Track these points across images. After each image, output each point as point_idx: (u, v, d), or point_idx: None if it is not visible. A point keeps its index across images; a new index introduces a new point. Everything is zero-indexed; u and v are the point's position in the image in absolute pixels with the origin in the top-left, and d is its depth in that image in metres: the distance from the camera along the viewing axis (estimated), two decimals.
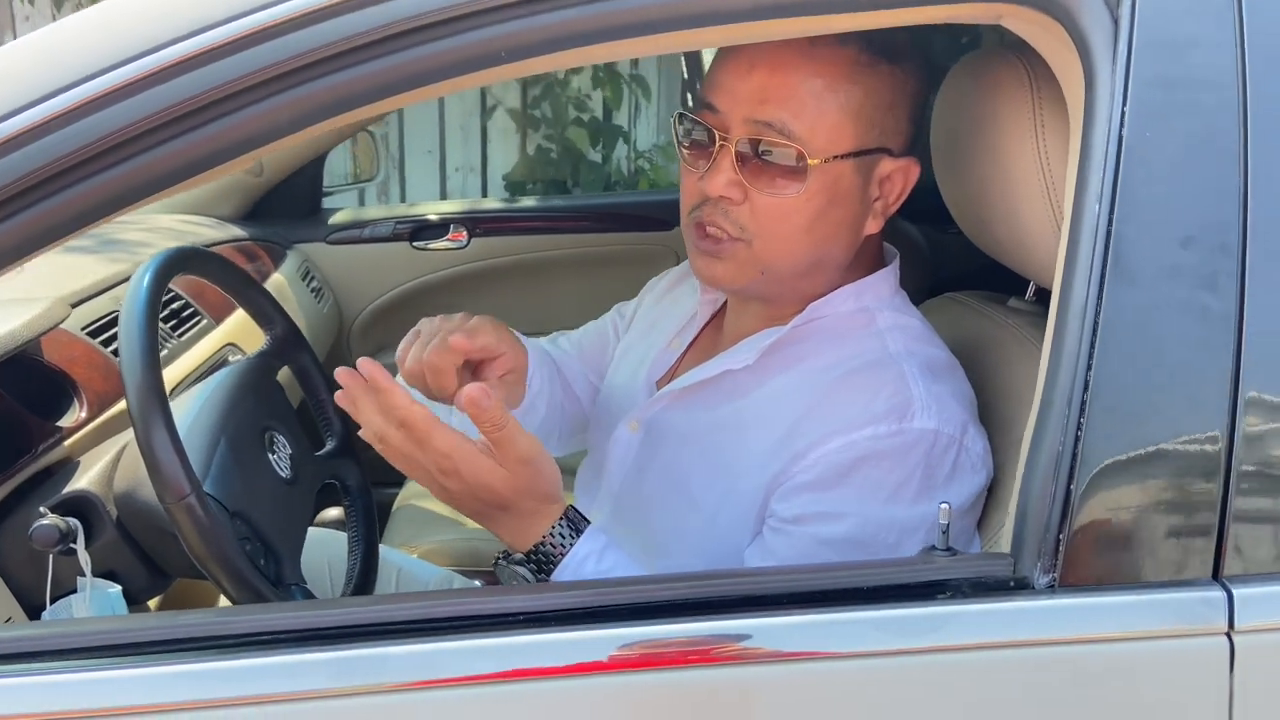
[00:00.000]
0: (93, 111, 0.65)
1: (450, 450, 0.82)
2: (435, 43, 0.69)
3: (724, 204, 0.90)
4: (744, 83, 0.88)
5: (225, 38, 0.65)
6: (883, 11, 0.76)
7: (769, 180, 0.89)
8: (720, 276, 0.94)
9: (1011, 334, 1.05)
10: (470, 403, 0.80)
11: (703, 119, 0.91)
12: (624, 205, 2.39)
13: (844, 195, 0.91)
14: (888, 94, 0.92)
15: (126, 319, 0.92)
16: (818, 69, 0.88)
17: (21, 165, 0.63)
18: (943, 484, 0.87)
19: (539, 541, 0.86)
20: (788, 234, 0.90)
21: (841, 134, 0.89)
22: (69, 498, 1.00)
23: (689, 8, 0.72)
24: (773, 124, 0.87)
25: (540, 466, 0.84)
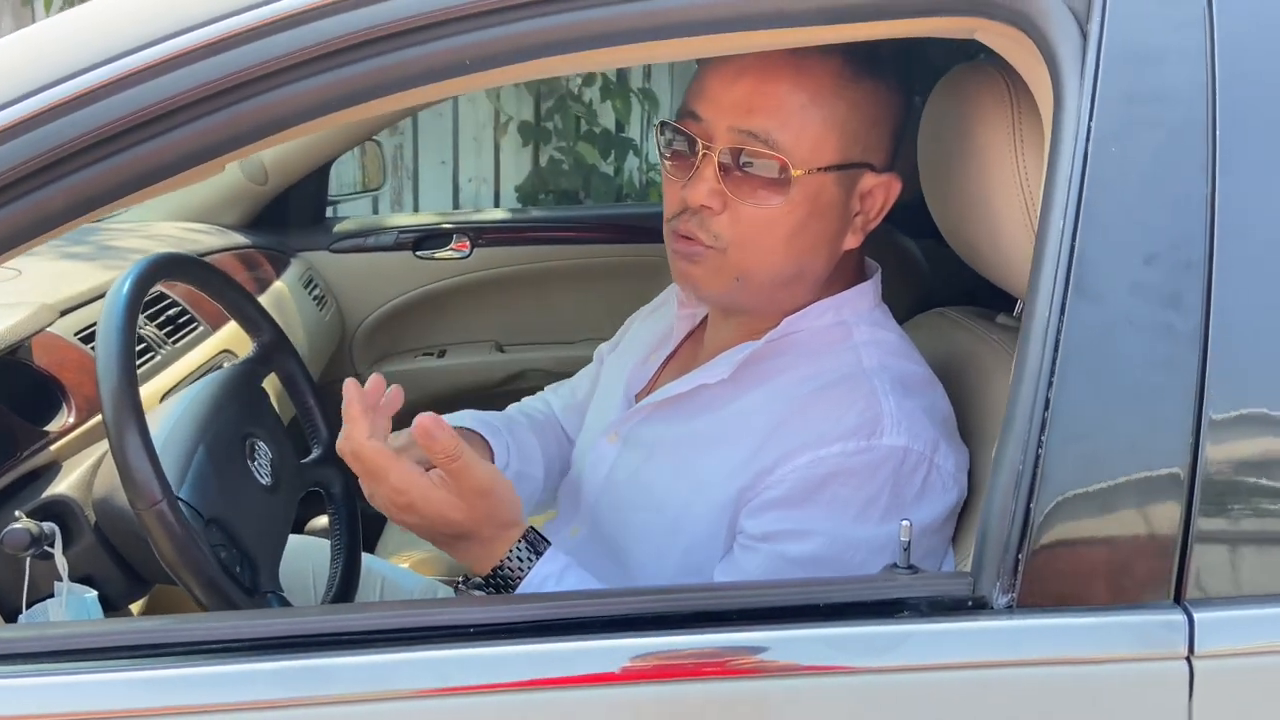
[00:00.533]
0: (90, 102, 0.66)
1: (406, 486, 0.83)
2: (407, 50, 0.69)
3: (704, 213, 0.90)
4: (729, 92, 0.88)
5: (220, 34, 0.66)
6: (859, 24, 0.76)
7: (751, 190, 0.88)
8: (696, 280, 0.94)
9: (994, 350, 1.04)
10: (422, 433, 0.80)
11: (686, 128, 0.91)
12: (627, 216, 2.39)
13: (825, 208, 0.91)
14: (871, 109, 0.92)
15: (105, 324, 0.92)
16: (803, 81, 0.88)
17: (21, 152, 0.63)
18: (912, 502, 0.86)
19: (498, 564, 0.87)
20: (767, 245, 0.90)
21: (825, 146, 0.89)
22: (47, 502, 1.01)
23: (668, 17, 0.72)
24: (757, 134, 0.87)
25: (498, 495, 0.85)
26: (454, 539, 0.87)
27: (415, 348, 2.31)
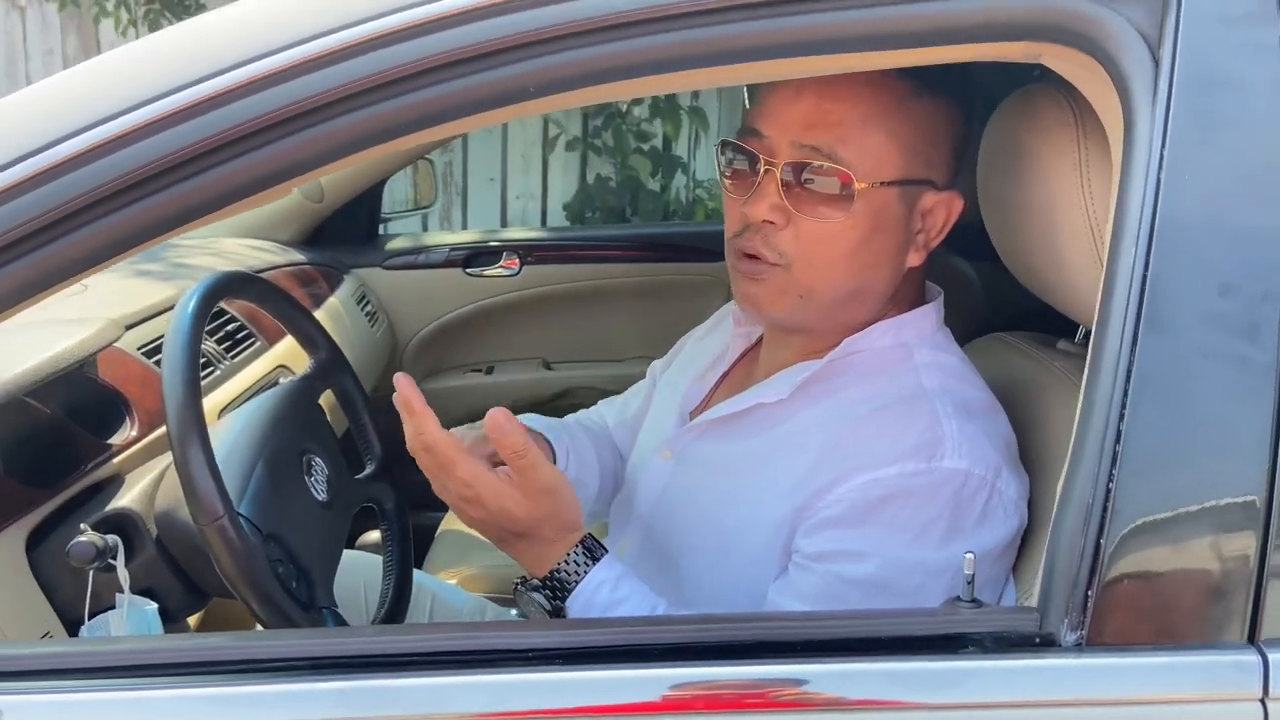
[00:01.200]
0: (156, 132, 0.67)
1: (472, 479, 0.84)
2: (466, 78, 0.70)
3: (766, 229, 0.90)
4: (791, 108, 0.89)
5: (283, 64, 0.67)
6: (925, 49, 0.75)
7: (814, 205, 0.89)
8: (761, 300, 0.94)
9: (1057, 377, 1.02)
10: (494, 426, 0.82)
11: (747, 145, 0.91)
12: (676, 235, 2.39)
13: (887, 224, 0.91)
14: (932, 126, 0.92)
15: (170, 341, 0.94)
16: (865, 96, 0.88)
17: (90, 180, 0.65)
18: (972, 527, 0.84)
19: (554, 567, 0.88)
20: (830, 259, 0.90)
21: (887, 161, 0.89)
22: (111, 515, 1.03)
23: (733, 44, 0.72)
24: (820, 148, 0.87)
25: (561, 496, 0.86)
26: (515, 536, 0.88)
27: (464, 364, 2.33)
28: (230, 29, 0.74)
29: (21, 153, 0.65)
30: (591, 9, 0.72)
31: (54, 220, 0.64)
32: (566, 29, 0.71)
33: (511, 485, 0.85)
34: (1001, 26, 0.73)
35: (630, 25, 0.72)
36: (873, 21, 0.72)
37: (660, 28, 0.72)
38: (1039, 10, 0.72)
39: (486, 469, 0.85)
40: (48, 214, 0.64)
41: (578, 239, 2.43)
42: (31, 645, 0.88)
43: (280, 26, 0.71)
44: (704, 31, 0.71)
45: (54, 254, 0.65)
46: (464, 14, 0.71)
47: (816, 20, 0.71)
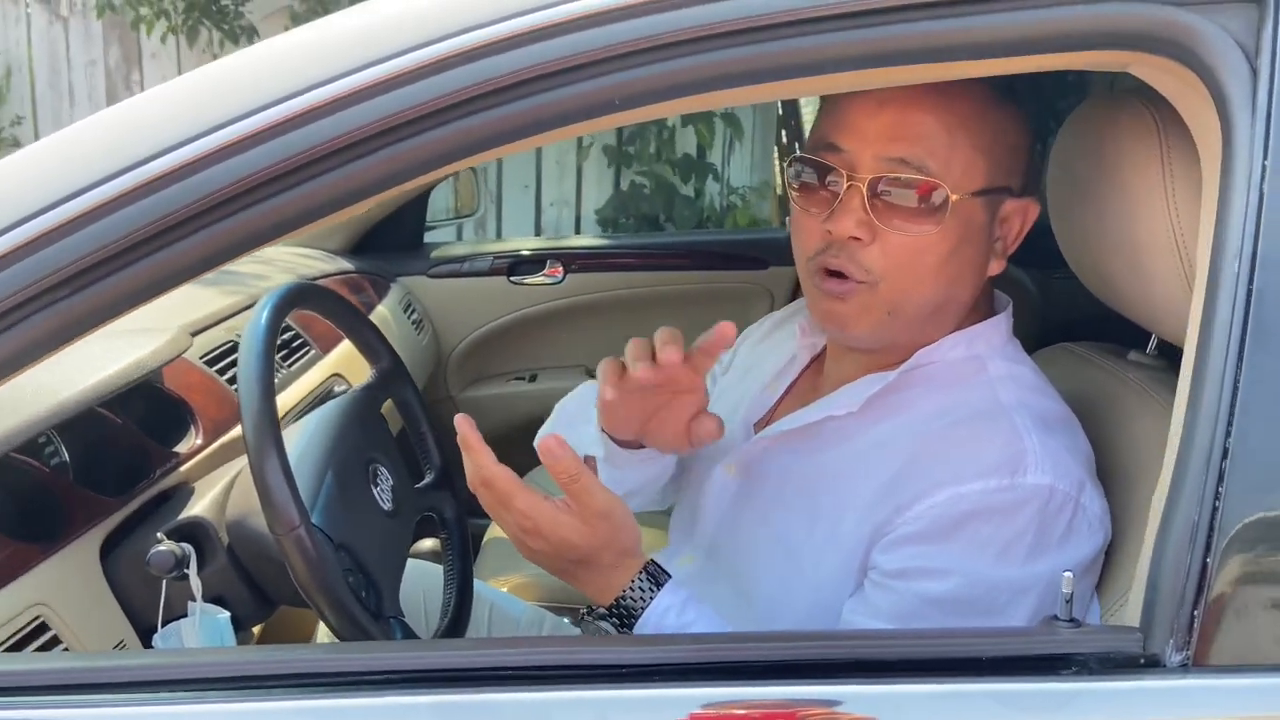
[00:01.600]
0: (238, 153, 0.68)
1: (530, 510, 0.85)
2: (559, 89, 0.70)
3: (852, 245, 0.88)
4: (874, 121, 0.87)
5: (370, 80, 0.67)
6: (1011, 59, 0.75)
7: (901, 219, 0.87)
8: (847, 319, 0.92)
9: (1133, 389, 1.01)
10: (545, 452, 0.83)
11: (825, 159, 0.89)
12: (719, 243, 2.39)
13: (974, 234, 0.90)
14: (1013, 133, 0.91)
15: (246, 352, 0.95)
16: (949, 106, 0.87)
17: (182, 197, 0.65)
18: (1057, 544, 0.83)
19: (620, 595, 0.88)
20: (919, 273, 0.89)
21: (974, 170, 0.88)
22: (184, 523, 1.04)
23: (812, 55, 0.72)
24: (908, 160, 0.86)
25: (618, 520, 0.87)
26: (576, 565, 0.88)
27: (507, 372, 2.33)
28: (315, 48, 0.75)
29: (127, 164, 0.66)
30: (679, 21, 0.71)
31: (158, 230, 0.65)
32: (652, 42, 0.71)
33: (568, 513, 0.85)
34: (1094, 35, 0.72)
35: (719, 37, 0.72)
36: (965, 31, 0.72)
37: (753, 38, 0.72)
38: (1132, 19, 0.71)
39: (543, 499, 0.86)
40: (156, 223, 0.65)
41: (621, 247, 2.43)
42: (111, 657, 0.89)
43: (367, 43, 0.71)
44: (801, 42, 0.70)
45: (160, 263, 0.66)
46: (551, 28, 0.71)
47: (911, 30, 0.70)
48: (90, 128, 0.70)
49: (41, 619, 0.90)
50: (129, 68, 4.55)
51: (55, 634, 0.91)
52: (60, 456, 1.11)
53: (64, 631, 0.92)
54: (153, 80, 4.55)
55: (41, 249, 0.65)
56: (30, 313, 0.66)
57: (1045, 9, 0.71)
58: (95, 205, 0.66)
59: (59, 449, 1.11)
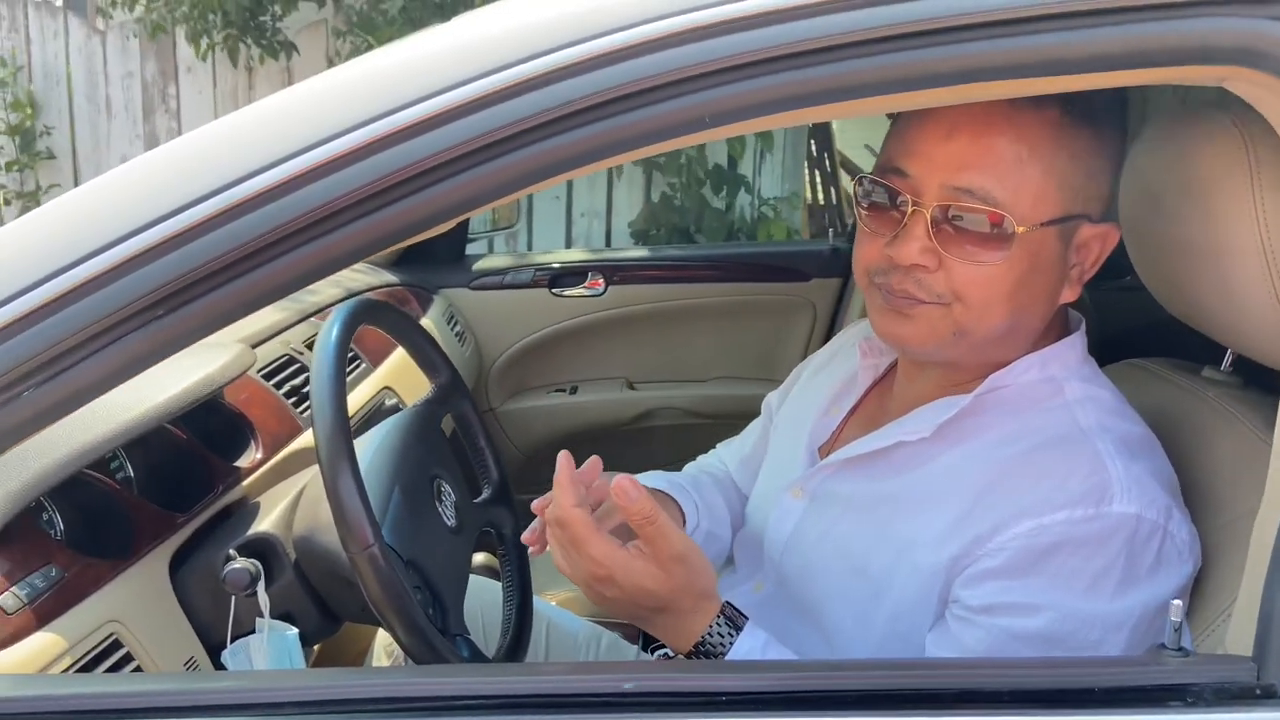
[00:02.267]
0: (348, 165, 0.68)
1: (605, 558, 0.82)
2: (651, 106, 0.70)
3: (917, 272, 0.87)
4: (942, 148, 0.85)
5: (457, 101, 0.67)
6: (1101, 74, 0.73)
7: (968, 248, 0.85)
8: (909, 337, 0.90)
9: (1213, 408, 0.99)
10: (620, 492, 0.80)
11: (891, 184, 0.88)
12: (761, 255, 2.38)
13: (1045, 263, 0.88)
14: (1090, 159, 0.89)
15: (319, 369, 0.95)
16: (1020, 134, 0.84)
17: (267, 221, 0.65)
18: (1147, 575, 0.81)
19: (699, 640, 0.85)
20: (987, 301, 0.87)
21: (1045, 201, 0.86)
22: (252, 539, 1.03)
23: (905, 71, 0.71)
24: (974, 191, 0.84)
25: (694, 564, 0.84)
26: (652, 612, 0.86)
27: (548, 383, 2.33)
28: (400, 70, 0.74)
29: (221, 184, 0.66)
30: (769, 39, 0.71)
31: (255, 249, 0.65)
32: (745, 59, 0.70)
33: (644, 559, 0.83)
34: (1195, 50, 0.71)
35: (808, 54, 0.71)
36: (1062, 46, 0.71)
37: (840, 55, 0.71)
38: (1234, 34, 0.70)
39: (619, 546, 0.83)
40: (251, 242, 0.65)
41: (662, 259, 2.43)
42: (192, 679, 0.89)
43: (464, 62, 0.71)
44: (892, 58, 0.70)
45: (253, 283, 0.65)
46: (643, 45, 0.70)
47: (1011, 45, 0.69)
48: (186, 146, 0.70)
49: (115, 636, 0.90)
50: (165, 81, 4.59)
51: (128, 651, 0.91)
52: (125, 471, 1.11)
53: (136, 649, 0.92)
54: (188, 94, 4.59)
55: (139, 268, 0.65)
56: (125, 332, 0.66)
57: (1144, 24, 0.70)
58: (191, 225, 0.66)
59: (124, 464, 1.11)
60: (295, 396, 1.38)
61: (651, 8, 0.71)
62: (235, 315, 0.68)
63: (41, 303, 0.66)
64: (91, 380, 0.67)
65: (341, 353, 0.97)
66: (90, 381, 0.67)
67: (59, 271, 0.66)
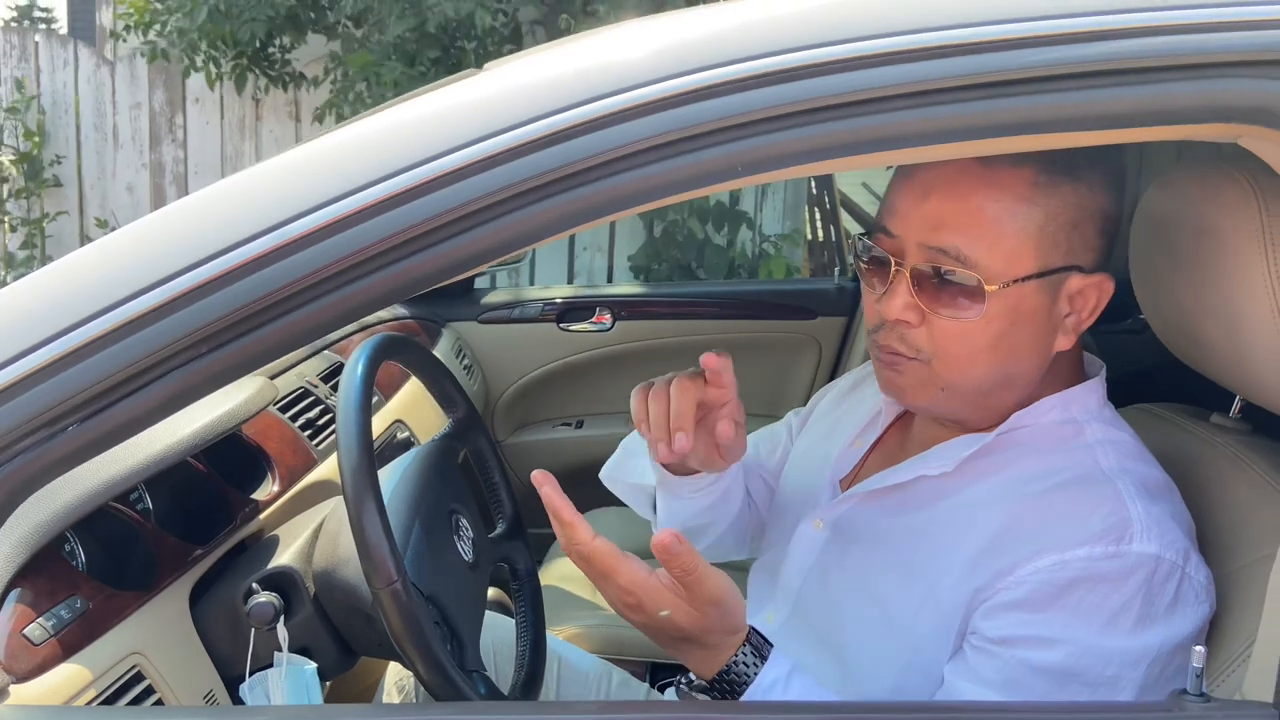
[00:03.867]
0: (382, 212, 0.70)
1: (634, 587, 0.82)
2: (689, 154, 0.72)
3: (901, 327, 0.90)
4: (918, 209, 0.89)
5: (495, 149, 0.69)
6: (1116, 131, 0.76)
7: (947, 303, 0.88)
8: (903, 390, 0.94)
9: (1224, 454, 1.00)
10: (662, 549, 0.80)
11: (879, 243, 0.92)
12: (768, 293, 2.40)
13: (1026, 316, 0.89)
14: (1071, 212, 0.89)
15: (343, 405, 0.96)
16: (994, 194, 0.87)
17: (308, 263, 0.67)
18: (1164, 615, 0.82)
19: (724, 668, 0.86)
20: (968, 355, 0.90)
21: (1021, 257, 0.87)
22: (273, 573, 1.04)
23: (926, 127, 0.73)
24: (947, 250, 0.87)
25: (729, 604, 0.84)
26: (678, 641, 0.86)
27: (554, 417, 2.34)
28: (438, 121, 0.76)
29: (266, 226, 0.68)
30: (807, 91, 0.73)
31: (300, 289, 0.67)
32: (779, 111, 0.72)
33: (675, 593, 0.83)
34: (1213, 109, 0.73)
35: (835, 108, 0.73)
36: (1079, 105, 0.73)
37: (858, 111, 0.73)
38: (1251, 94, 0.72)
39: (647, 575, 0.83)
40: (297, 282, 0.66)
41: (670, 296, 2.45)
42: (213, 714, 0.89)
43: (491, 115, 0.73)
44: (916, 114, 0.72)
45: (295, 323, 0.67)
46: (679, 97, 0.73)
47: (1026, 103, 0.72)
48: (231, 187, 0.72)
49: (138, 668, 0.91)
50: (173, 111, 4.64)
51: (150, 684, 0.91)
52: (144, 503, 1.12)
53: (158, 681, 0.92)
54: (196, 124, 4.63)
55: (185, 306, 0.67)
56: (168, 369, 0.68)
57: (1164, 84, 0.72)
58: (236, 265, 0.67)
59: (143, 495, 1.12)
60: (310, 429, 1.39)
61: (667, 66, 0.74)
62: (275, 354, 0.70)
63: (87, 340, 0.67)
64: (133, 416, 0.69)
65: (367, 388, 0.98)
66: (132, 418, 0.69)
67: (105, 310, 0.67)
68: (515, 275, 4.42)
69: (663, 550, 0.80)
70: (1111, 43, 0.71)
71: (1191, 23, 0.73)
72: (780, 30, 0.74)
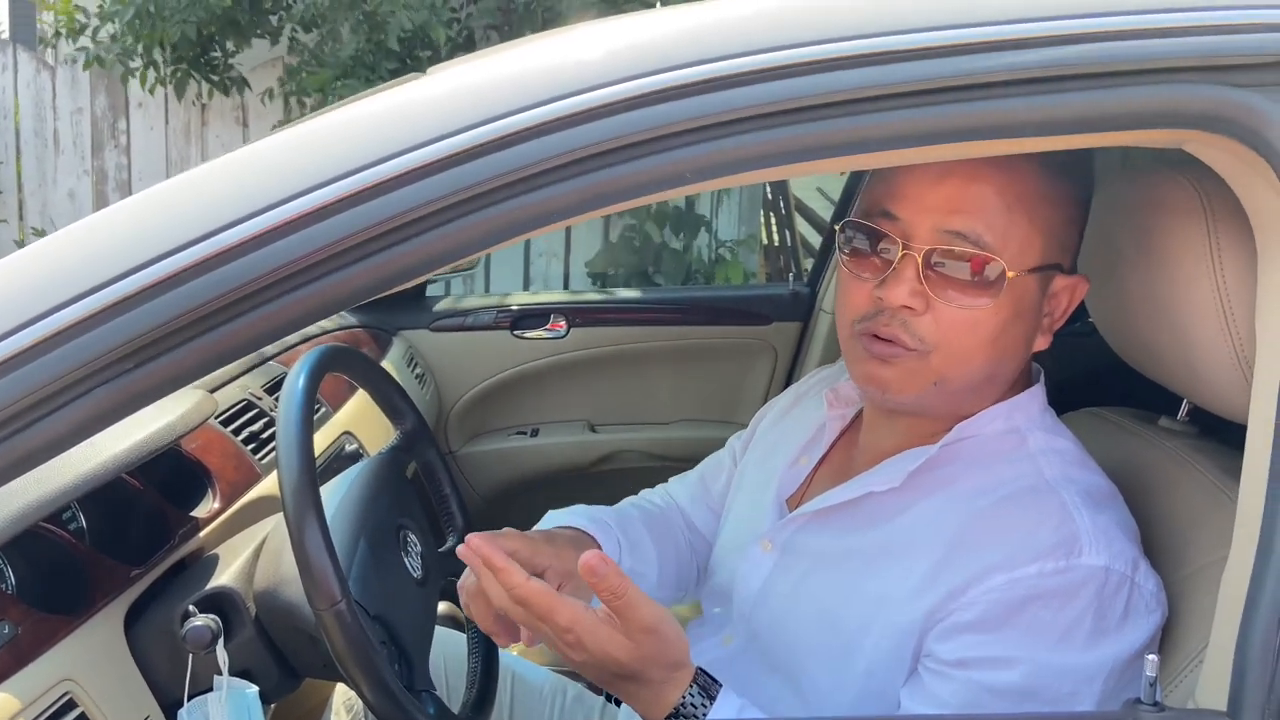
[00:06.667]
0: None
1: (571, 624, 0.80)
2: (631, 162, 0.70)
3: (904, 314, 0.87)
4: (933, 192, 0.86)
5: (437, 155, 0.67)
6: (1070, 136, 0.76)
7: (956, 291, 0.86)
8: (889, 383, 0.90)
9: (1170, 457, 1.01)
10: (589, 571, 0.78)
11: (881, 226, 0.89)
12: (723, 299, 2.39)
13: (1026, 309, 0.90)
14: (1069, 209, 0.91)
15: (283, 418, 0.93)
16: (1009, 180, 0.86)
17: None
18: (1116, 627, 0.82)
19: (672, 711, 0.83)
20: (971, 346, 0.88)
21: (1031, 247, 0.87)
22: (211, 594, 1.00)
23: (880, 132, 0.72)
24: (966, 234, 0.85)
25: (666, 634, 0.82)
26: (622, 679, 0.83)
27: (508, 426, 2.31)
28: (388, 120, 0.74)
29: (194, 236, 0.65)
30: (747, 98, 0.72)
31: (236, 299, 0.64)
32: (729, 116, 0.71)
33: (611, 625, 0.80)
34: (1159, 115, 0.73)
35: (787, 114, 0.72)
36: (1030, 110, 0.73)
37: (824, 114, 0.72)
38: (1196, 101, 0.72)
39: (584, 611, 0.80)
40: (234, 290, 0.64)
41: (625, 302, 2.43)
42: None
43: (444, 115, 0.71)
44: (867, 119, 0.71)
45: (234, 331, 0.64)
46: (626, 102, 0.71)
47: (980, 109, 0.71)
48: (157, 197, 0.69)
49: (70, 695, 0.87)
50: (115, 116, 4.53)
51: (83, 711, 0.88)
52: (78, 522, 1.08)
53: (91, 709, 0.88)
54: (139, 130, 4.53)
55: (109, 320, 0.64)
56: (93, 386, 0.65)
57: (1110, 90, 0.72)
58: (163, 277, 0.65)
59: (76, 514, 1.08)
60: (254, 443, 1.35)
61: (624, 68, 0.72)
62: (207, 368, 0.67)
63: (5, 357, 0.64)
64: (57, 435, 0.65)
65: (308, 401, 0.95)
66: (56, 437, 0.65)
67: (24, 325, 0.64)
68: (470, 282, 4.38)
69: (589, 572, 0.77)
70: (1058, 49, 0.71)
71: (1137, 29, 0.73)
72: (727, 36, 0.73)
